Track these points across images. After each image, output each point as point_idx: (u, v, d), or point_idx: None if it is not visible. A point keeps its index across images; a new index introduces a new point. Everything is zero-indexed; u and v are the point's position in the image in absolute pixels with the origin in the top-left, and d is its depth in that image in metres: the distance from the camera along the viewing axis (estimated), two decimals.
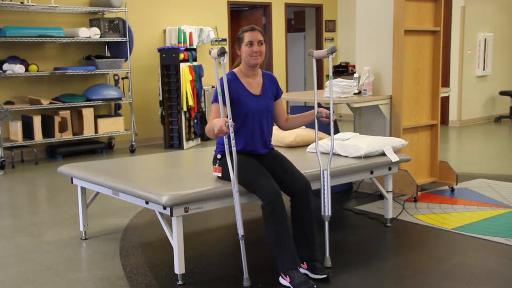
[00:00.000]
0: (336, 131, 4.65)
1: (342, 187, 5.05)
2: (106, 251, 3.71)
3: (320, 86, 10.29)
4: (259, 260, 3.39)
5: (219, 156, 3.25)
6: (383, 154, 3.95)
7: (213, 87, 8.72)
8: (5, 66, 6.76)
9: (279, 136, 4.38)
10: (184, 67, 7.73)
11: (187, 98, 7.72)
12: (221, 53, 3.03)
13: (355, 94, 4.84)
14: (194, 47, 8.38)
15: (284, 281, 2.98)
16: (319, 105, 3.65)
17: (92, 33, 7.30)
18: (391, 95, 4.78)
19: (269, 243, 3.01)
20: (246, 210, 3.80)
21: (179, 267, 3.06)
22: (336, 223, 4.12)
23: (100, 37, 7.39)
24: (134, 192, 3.17)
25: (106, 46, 7.95)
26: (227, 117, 3.06)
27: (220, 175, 3.23)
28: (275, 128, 3.87)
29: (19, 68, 6.75)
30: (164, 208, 2.97)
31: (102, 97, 7.43)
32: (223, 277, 3.21)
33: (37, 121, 6.94)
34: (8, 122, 6.98)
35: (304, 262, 3.10)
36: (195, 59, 8.15)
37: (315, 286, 2.92)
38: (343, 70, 10.77)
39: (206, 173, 3.41)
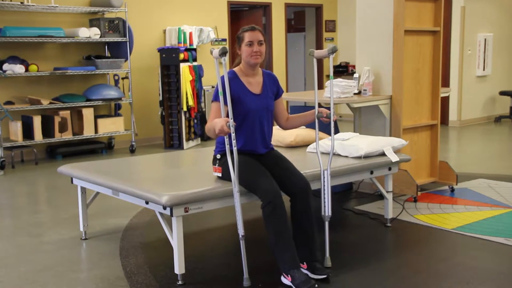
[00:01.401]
0: (336, 131, 4.64)
1: (342, 187, 5.05)
2: (106, 251, 3.71)
3: (320, 86, 10.29)
4: (259, 260, 3.39)
5: (218, 156, 3.25)
6: (383, 154, 3.94)
7: (213, 87, 8.72)
8: (5, 66, 6.75)
9: (279, 136, 4.38)
10: (184, 67, 7.73)
11: (187, 98, 7.72)
12: (223, 53, 3.03)
13: (355, 94, 4.84)
14: (194, 47, 8.38)
15: (286, 280, 2.98)
16: (319, 105, 3.64)
17: (92, 33, 7.30)
18: (391, 95, 4.78)
19: (269, 243, 3.01)
20: (246, 210, 3.80)
21: (179, 267, 3.06)
22: (336, 223, 4.12)
23: (100, 37, 7.39)
24: (134, 192, 3.17)
25: (106, 46, 7.95)
26: (227, 116, 3.06)
27: (220, 175, 3.23)
28: (275, 128, 3.87)
29: (19, 68, 6.75)
30: (164, 208, 2.97)
31: (102, 97, 7.43)
32: (223, 277, 3.21)
33: (37, 121, 6.94)
34: (8, 122, 6.98)
35: (304, 262, 3.10)
36: (195, 59, 8.15)
37: (316, 286, 2.92)
38: (343, 70, 10.76)
39: (206, 173, 3.40)
